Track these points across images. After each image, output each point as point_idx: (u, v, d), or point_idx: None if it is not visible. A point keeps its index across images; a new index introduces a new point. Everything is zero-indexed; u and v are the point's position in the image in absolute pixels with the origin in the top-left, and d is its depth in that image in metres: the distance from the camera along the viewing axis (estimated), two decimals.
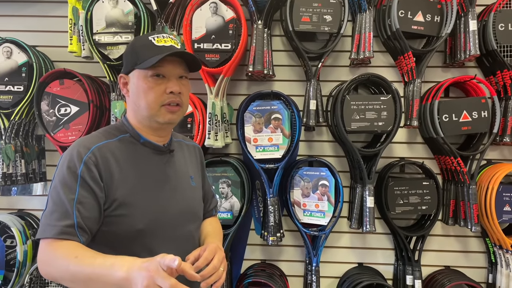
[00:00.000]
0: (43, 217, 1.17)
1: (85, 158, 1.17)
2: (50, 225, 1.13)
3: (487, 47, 2.21)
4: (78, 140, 1.25)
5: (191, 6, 2.16)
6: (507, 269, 2.20)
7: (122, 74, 1.30)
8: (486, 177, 2.20)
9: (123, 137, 1.28)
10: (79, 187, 1.15)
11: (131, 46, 1.29)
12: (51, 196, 1.17)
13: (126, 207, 1.19)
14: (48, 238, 1.13)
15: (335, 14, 2.21)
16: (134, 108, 1.28)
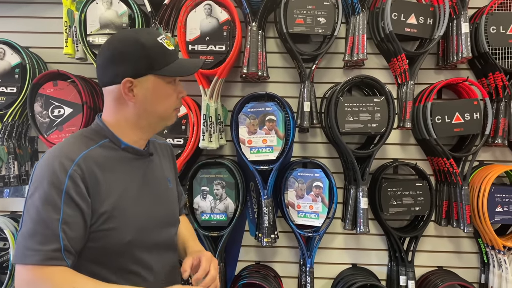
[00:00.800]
0: (20, 237, 1.05)
1: (70, 171, 1.07)
2: (31, 249, 1.02)
3: (479, 49, 2.23)
4: (56, 149, 1.14)
5: (186, 8, 2.16)
6: (499, 269, 2.22)
7: (129, 78, 1.15)
8: (479, 178, 2.22)
9: (103, 142, 1.19)
10: (64, 205, 1.05)
11: (141, 48, 1.15)
12: (30, 215, 1.05)
13: (114, 219, 1.13)
14: (30, 265, 1.02)
15: (329, 16, 2.22)
16: (140, 114, 1.20)
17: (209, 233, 2.19)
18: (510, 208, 2.15)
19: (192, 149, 2.18)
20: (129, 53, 1.15)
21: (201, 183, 2.21)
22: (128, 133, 1.22)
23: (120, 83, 1.16)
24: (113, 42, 1.19)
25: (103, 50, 1.19)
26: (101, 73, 1.20)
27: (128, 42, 1.17)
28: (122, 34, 1.22)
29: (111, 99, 1.20)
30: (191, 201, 2.22)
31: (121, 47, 1.16)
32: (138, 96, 1.17)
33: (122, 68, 1.16)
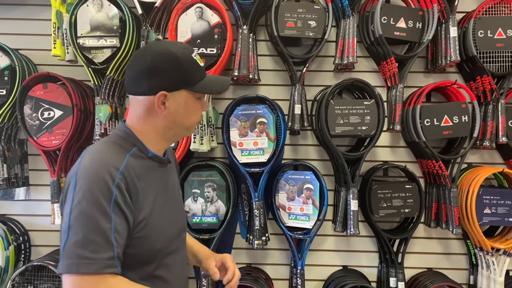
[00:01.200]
0: (70, 247, 1.03)
1: (116, 181, 1.09)
2: (86, 258, 1.01)
3: (467, 53, 2.26)
4: (97, 156, 1.13)
5: (177, 11, 2.16)
6: (488, 270, 2.24)
7: (164, 92, 1.18)
8: (467, 180, 2.25)
9: (134, 151, 1.20)
10: (113, 214, 1.06)
11: (177, 63, 1.18)
12: (80, 223, 1.04)
13: (148, 227, 1.16)
14: (86, 274, 1.01)
15: (319, 20, 2.24)
16: (170, 126, 1.23)
17: (200, 236, 2.19)
18: (498, 210, 2.18)
19: (183, 151, 2.18)
20: (166, 67, 1.17)
21: (192, 185, 2.21)
22: (154, 142, 1.24)
23: (153, 95, 1.18)
24: (149, 54, 1.19)
25: (138, 60, 1.20)
26: (133, 83, 1.21)
27: (166, 56, 1.18)
28: (158, 46, 1.21)
29: (142, 109, 1.21)
30: None
31: (158, 61, 1.17)
32: (170, 109, 1.20)
33: (157, 81, 1.18)
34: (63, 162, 2.24)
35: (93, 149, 1.18)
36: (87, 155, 1.15)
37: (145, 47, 1.24)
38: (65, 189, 1.12)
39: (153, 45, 1.23)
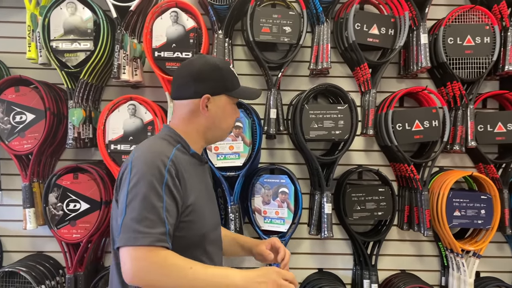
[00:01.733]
0: (128, 222, 1.14)
1: (167, 167, 1.21)
2: (141, 232, 1.12)
3: (438, 59, 2.32)
4: (150, 147, 1.28)
5: (152, 15, 2.16)
6: (458, 272, 2.29)
7: (208, 95, 1.33)
8: (438, 183, 2.30)
9: (178, 147, 1.33)
10: (165, 195, 1.18)
11: (219, 70, 1.36)
12: (136, 202, 1.15)
13: (194, 213, 1.28)
14: (141, 246, 1.12)
15: (294, 26, 2.27)
16: (210, 126, 1.38)
17: None
18: (467, 212, 2.23)
19: None
20: (210, 75, 1.35)
21: None
22: (195, 142, 1.39)
23: (198, 98, 1.34)
24: (196, 64, 1.37)
25: (185, 70, 1.37)
26: (180, 90, 1.37)
27: (210, 66, 1.36)
28: (203, 59, 1.39)
29: (187, 111, 1.37)
30: None
31: (204, 70, 1.35)
32: (211, 111, 1.36)
33: (202, 86, 1.34)
34: (35, 167, 2.21)
35: (144, 143, 1.34)
36: (140, 147, 1.30)
37: (190, 60, 1.42)
38: (120, 176, 1.26)
39: (198, 58, 1.41)
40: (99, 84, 2.34)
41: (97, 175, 2.17)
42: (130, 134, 2.17)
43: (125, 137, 2.17)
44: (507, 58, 2.27)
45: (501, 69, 2.30)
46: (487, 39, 2.28)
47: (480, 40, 2.28)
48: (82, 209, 2.17)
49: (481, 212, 2.23)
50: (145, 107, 2.17)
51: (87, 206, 2.17)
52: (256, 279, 1.19)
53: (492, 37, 2.28)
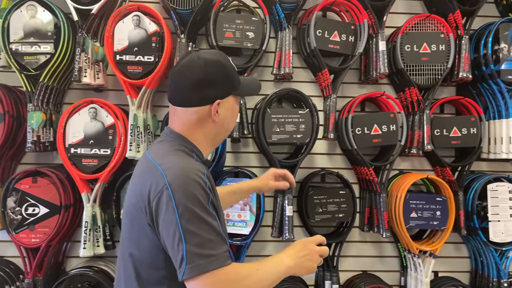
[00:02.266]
0: (192, 250, 1.09)
1: (208, 184, 1.19)
2: (210, 255, 1.09)
3: (396, 66, 2.39)
4: (183, 165, 1.19)
5: (113, 18, 2.16)
6: (416, 272, 2.36)
7: (219, 99, 1.27)
8: (396, 186, 2.37)
9: (195, 157, 1.28)
10: (213, 212, 1.17)
11: (226, 71, 1.28)
12: (194, 227, 1.10)
13: (221, 222, 1.24)
14: (215, 270, 1.09)
15: (257, 31, 2.30)
16: (219, 131, 1.33)
17: None
18: (423, 213, 2.31)
19: (119, 159, 2.17)
20: (217, 77, 1.26)
21: None
22: (204, 148, 1.33)
23: (208, 104, 1.26)
24: (198, 67, 1.25)
25: (189, 72, 1.25)
26: (185, 95, 1.26)
27: (215, 67, 1.27)
28: (202, 58, 1.26)
29: (195, 118, 1.27)
30: (118, 213, 2.21)
31: (210, 72, 1.25)
32: (221, 115, 1.29)
33: (211, 91, 1.26)
34: None
35: (170, 160, 1.21)
36: (169, 165, 1.18)
37: (188, 61, 1.27)
38: (155, 200, 1.14)
39: (196, 58, 1.27)
40: (61, 87, 2.32)
41: (57, 179, 2.15)
42: (91, 138, 2.16)
43: (85, 140, 2.15)
44: (461, 65, 2.36)
45: (456, 76, 2.39)
46: (442, 47, 2.37)
47: (436, 48, 2.37)
48: (41, 213, 2.14)
49: (437, 213, 2.31)
50: (106, 111, 2.17)
51: (47, 211, 2.14)
52: (299, 254, 1.25)
53: (447, 45, 2.37)
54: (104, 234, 2.24)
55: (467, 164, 2.41)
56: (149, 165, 1.23)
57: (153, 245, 1.18)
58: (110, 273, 2.27)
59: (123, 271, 1.26)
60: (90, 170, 2.15)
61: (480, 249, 2.44)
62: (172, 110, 1.32)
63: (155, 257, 1.19)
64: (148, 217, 1.17)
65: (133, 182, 1.30)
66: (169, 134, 1.31)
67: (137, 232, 1.22)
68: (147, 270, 1.21)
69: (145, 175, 1.22)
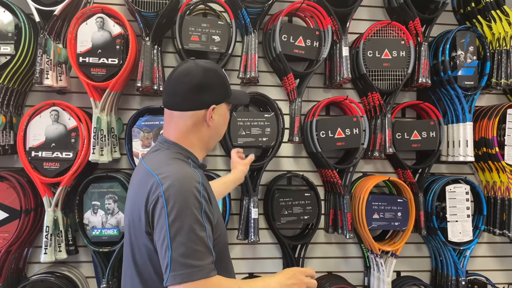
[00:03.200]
0: (177, 259, 1.11)
1: (202, 192, 1.21)
2: (195, 266, 1.12)
3: (359, 71, 2.46)
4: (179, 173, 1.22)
5: (76, 20, 2.14)
6: (378, 272, 2.42)
7: (214, 105, 1.32)
8: (359, 188, 2.43)
9: (192, 163, 1.31)
10: (206, 223, 1.18)
11: (221, 79, 1.35)
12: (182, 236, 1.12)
13: (219, 226, 1.30)
14: (198, 280, 1.11)
15: (223, 35, 2.32)
16: (213, 135, 1.38)
17: (99, 249, 2.15)
18: (385, 215, 2.37)
19: (82, 163, 2.14)
20: (214, 83, 1.33)
21: (91, 197, 2.17)
22: (199, 152, 1.37)
23: (204, 109, 1.31)
24: (196, 73, 1.30)
25: (187, 78, 1.29)
26: (184, 99, 1.30)
27: (212, 73, 1.33)
28: (201, 65, 1.33)
29: (191, 123, 1.32)
30: (81, 217, 2.17)
31: (208, 78, 1.31)
32: (214, 121, 1.35)
33: (208, 96, 1.31)
34: None
35: (168, 169, 1.24)
36: (165, 174, 1.21)
37: (186, 69, 1.32)
38: (150, 208, 1.18)
39: (194, 66, 1.32)
40: (22, 89, 2.27)
41: (17, 183, 2.10)
42: (53, 141, 2.12)
43: (47, 143, 2.11)
44: (421, 71, 2.45)
45: (416, 81, 2.48)
46: (403, 53, 2.46)
47: (397, 54, 2.45)
48: (0, 218, 2.08)
49: (398, 214, 2.38)
50: (68, 113, 2.14)
51: (6, 215, 2.09)
52: (287, 282, 1.28)
53: (407, 51, 2.46)
54: (67, 239, 2.20)
55: (427, 166, 2.50)
56: (146, 174, 1.26)
57: (151, 251, 1.21)
58: (73, 279, 2.23)
59: (129, 279, 1.30)
60: (51, 173, 2.11)
61: (440, 248, 2.53)
62: (168, 116, 1.36)
63: (156, 264, 1.21)
64: (146, 225, 1.21)
65: (131, 191, 1.35)
66: (164, 142, 1.36)
67: (138, 240, 1.25)
68: (150, 276, 1.24)
69: (143, 185, 1.25)
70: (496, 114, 2.44)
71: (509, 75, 2.44)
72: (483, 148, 2.50)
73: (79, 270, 2.37)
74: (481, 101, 2.72)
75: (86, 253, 2.36)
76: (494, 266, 2.72)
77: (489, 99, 2.74)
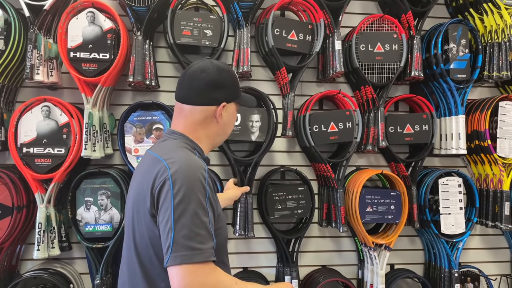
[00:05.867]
0: (179, 241, 1.15)
1: (207, 179, 1.25)
2: (196, 248, 1.15)
3: (352, 65, 2.46)
4: (187, 160, 1.27)
5: (66, 15, 2.12)
6: (372, 265, 2.43)
7: (225, 102, 1.41)
8: (353, 181, 2.44)
9: (197, 155, 1.36)
10: (209, 209, 1.22)
11: (234, 79, 1.45)
12: (185, 219, 1.16)
13: (220, 218, 1.35)
14: (198, 263, 1.15)
15: (215, 29, 2.31)
16: (220, 132, 1.46)
17: (93, 245, 2.15)
18: (378, 208, 2.38)
19: (74, 159, 2.12)
20: (228, 82, 1.42)
21: (84, 193, 2.16)
22: (205, 146, 1.44)
23: (216, 105, 1.40)
24: (212, 71, 1.39)
25: (204, 74, 1.38)
26: (198, 94, 1.39)
27: (227, 72, 1.43)
28: (216, 64, 1.42)
29: (201, 117, 1.40)
30: (74, 213, 2.16)
31: (223, 76, 1.40)
32: (223, 118, 1.43)
33: (221, 93, 1.40)
34: None
35: (175, 155, 1.30)
36: (174, 159, 1.26)
37: (202, 65, 1.41)
38: (156, 191, 1.23)
39: (209, 63, 1.41)
40: (13, 85, 2.25)
41: (9, 179, 2.09)
42: (44, 137, 2.10)
43: (38, 139, 2.10)
44: (414, 64, 2.45)
45: (408, 75, 2.48)
46: (395, 47, 2.46)
47: (389, 47, 2.45)
48: None
49: (391, 207, 2.39)
50: (60, 109, 2.12)
51: None
52: None
53: (400, 44, 2.46)
54: (60, 236, 2.19)
55: (419, 159, 2.51)
56: (153, 160, 1.31)
57: (154, 235, 1.24)
58: (67, 275, 2.22)
59: (126, 268, 1.33)
60: (43, 170, 2.10)
61: (433, 241, 2.54)
62: (179, 109, 1.43)
63: (157, 248, 1.24)
64: (151, 207, 1.24)
65: (137, 177, 1.38)
66: (172, 134, 1.42)
67: (140, 223, 1.28)
68: (150, 260, 1.27)
69: (150, 169, 1.28)
70: (488, 107, 2.45)
71: (501, 68, 2.46)
72: (475, 141, 2.51)
73: (72, 267, 2.36)
74: (473, 94, 2.73)
75: (79, 249, 2.35)
76: (487, 258, 2.74)
77: (481, 92, 2.75)
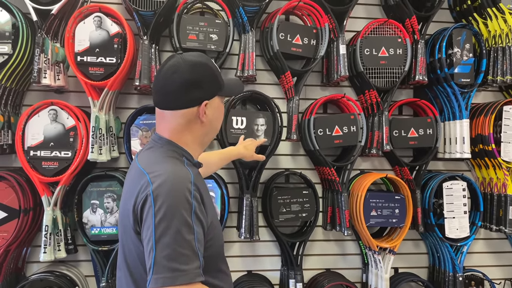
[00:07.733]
0: (162, 261, 1.06)
1: (193, 193, 1.15)
2: (179, 270, 1.06)
3: (356, 69, 2.47)
4: (170, 172, 1.16)
5: (74, 19, 2.14)
6: (376, 268, 2.44)
7: (206, 100, 1.26)
8: (357, 185, 2.44)
9: (186, 161, 1.26)
10: (195, 225, 1.12)
11: (211, 72, 1.27)
12: (167, 238, 1.07)
13: (213, 228, 1.24)
14: (181, 285, 1.06)
15: (221, 34, 2.33)
16: (207, 131, 1.32)
17: (99, 248, 2.16)
18: (383, 212, 2.39)
19: (81, 162, 2.14)
20: (204, 78, 1.25)
21: (90, 196, 2.18)
22: (194, 150, 1.31)
23: (196, 106, 1.25)
24: (183, 69, 1.22)
25: (176, 75, 1.22)
26: (174, 98, 1.23)
27: (201, 67, 1.25)
28: (188, 59, 1.25)
29: (184, 121, 1.26)
30: (80, 216, 2.18)
31: (197, 73, 1.24)
32: (208, 116, 1.28)
33: (198, 93, 1.24)
34: None
35: (160, 168, 1.19)
36: (156, 173, 1.17)
37: (173, 64, 1.24)
38: (138, 207, 1.14)
39: (181, 60, 1.24)
40: (20, 89, 2.27)
41: (16, 182, 2.10)
42: (51, 140, 2.12)
43: (45, 143, 2.12)
44: (418, 68, 2.46)
45: (412, 79, 2.49)
46: (399, 51, 2.47)
47: (394, 52, 2.46)
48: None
49: (396, 211, 2.39)
50: (67, 112, 2.14)
51: (5, 215, 2.09)
52: None
53: (404, 49, 2.47)
54: (66, 238, 2.20)
55: (424, 163, 2.52)
56: (138, 173, 1.22)
57: (140, 252, 1.16)
58: (72, 278, 2.24)
59: (124, 278, 1.27)
60: (50, 173, 2.11)
61: (437, 245, 2.55)
62: (160, 115, 1.29)
63: (144, 264, 1.16)
64: (134, 224, 1.17)
65: (124, 190, 1.31)
66: (158, 140, 1.30)
67: (127, 238, 1.22)
68: (141, 276, 1.20)
69: (134, 183, 1.21)
70: (492, 111, 2.46)
71: (505, 72, 2.46)
72: (479, 145, 2.52)
73: (78, 269, 2.37)
74: (478, 98, 2.74)
75: (85, 252, 2.36)
76: (491, 262, 2.74)
77: (485, 96, 2.76)
